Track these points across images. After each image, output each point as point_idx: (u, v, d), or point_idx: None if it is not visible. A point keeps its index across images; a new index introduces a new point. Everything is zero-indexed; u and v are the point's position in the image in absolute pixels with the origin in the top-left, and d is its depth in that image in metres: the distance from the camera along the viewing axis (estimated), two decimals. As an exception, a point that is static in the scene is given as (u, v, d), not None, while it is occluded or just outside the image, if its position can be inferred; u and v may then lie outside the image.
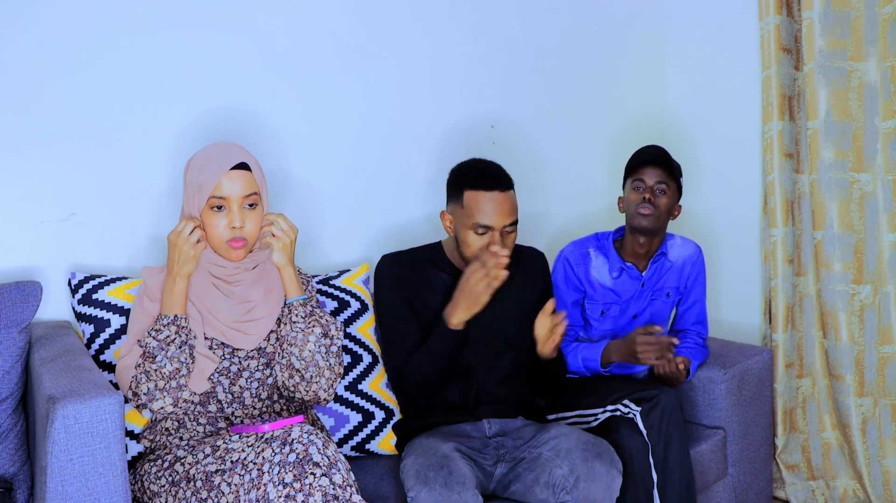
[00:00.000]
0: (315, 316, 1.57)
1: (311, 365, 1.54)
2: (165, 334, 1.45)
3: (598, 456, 1.56)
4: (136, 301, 1.56)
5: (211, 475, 1.32)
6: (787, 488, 2.41)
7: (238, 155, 1.52)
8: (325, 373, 1.56)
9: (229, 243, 1.50)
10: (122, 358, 1.48)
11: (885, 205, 2.25)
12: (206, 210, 1.49)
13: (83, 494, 1.17)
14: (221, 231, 1.50)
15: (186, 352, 1.46)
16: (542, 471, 1.58)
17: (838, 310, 2.28)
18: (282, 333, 1.56)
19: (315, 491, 1.23)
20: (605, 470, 1.54)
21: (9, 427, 1.44)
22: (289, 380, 1.56)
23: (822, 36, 2.25)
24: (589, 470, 1.54)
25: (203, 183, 1.49)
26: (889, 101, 2.21)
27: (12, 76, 1.62)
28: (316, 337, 1.55)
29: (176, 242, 1.48)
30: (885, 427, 2.27)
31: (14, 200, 1.65)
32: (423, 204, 2.21)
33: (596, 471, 1.54)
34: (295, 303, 1.57)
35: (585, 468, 1.54)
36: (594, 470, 1.54)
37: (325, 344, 1.56)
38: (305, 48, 1.99)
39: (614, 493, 1.56)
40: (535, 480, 1.58)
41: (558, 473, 1.55)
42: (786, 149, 2.40)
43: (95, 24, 1.70)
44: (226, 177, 1.48)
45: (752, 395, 2.08)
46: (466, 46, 2.26)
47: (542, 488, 1.57)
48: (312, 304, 1.59)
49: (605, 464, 1.55)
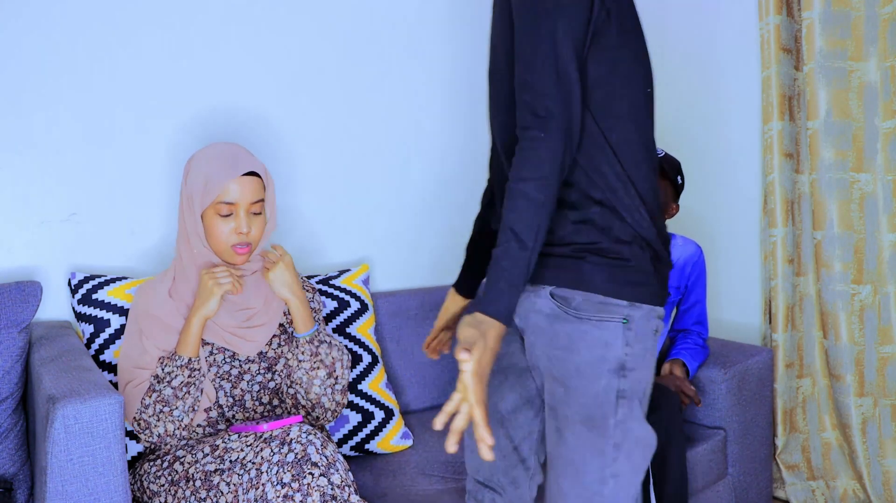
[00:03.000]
0: (320, 356, 1.54)
1: (316, 406, 1.55)
2: (179, 380, 1.43)
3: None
4: (130, 325, 1.52)
5: (210, 474, 1.32)
6: (787, 488, 2.41)
7: (249, 162, 1.50)
8: (331, 409, 1.57)
9: (234, 248, 1.49)
10: (125, 383, 1.46)
11: (885, 205, 2.25)
12: (211, 212, 1.47)
13: (83, 494, 1.17)
14: (227, 236, 1.48)
15: (196, 394, 1.46)
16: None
17: (838, 310, 2.28)
18: (289, 363, 1.55)
19: (313, 491, 1.23)
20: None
21: (9, 427, 1.44)
22: (293, 408, 1.57)
23: (822, 36, 2.25)
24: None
25: (210, 184, 1.46)
26: (889, 101, 2.21)
27: (12, 76, 1.63)
28: (321, 380, 1.54)
29: (207, 282, 1.45)
30: (885, 427, 2.27)
31: (14, 200, 1.65)
32: (422, 203, 2.22)
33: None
34: (301, 340, 1.55)
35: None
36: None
37: (329, 384, 1.55)
38: (306, 46, 1.99)
39: None
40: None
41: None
42: (786, 149, 2.40)
43: (95, 24, 1.71)
44: (235, 182, 1.47)
45: (752, 395, 2.08)
46: (469, 46, 2.26)
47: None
48: (319, 339, 1.56)
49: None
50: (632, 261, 1.12)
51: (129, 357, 1.48)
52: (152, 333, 1.48)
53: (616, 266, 1.12)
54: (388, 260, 2.17)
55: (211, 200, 1.46)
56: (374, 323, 1.94)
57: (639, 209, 1.12)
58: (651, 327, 1.15)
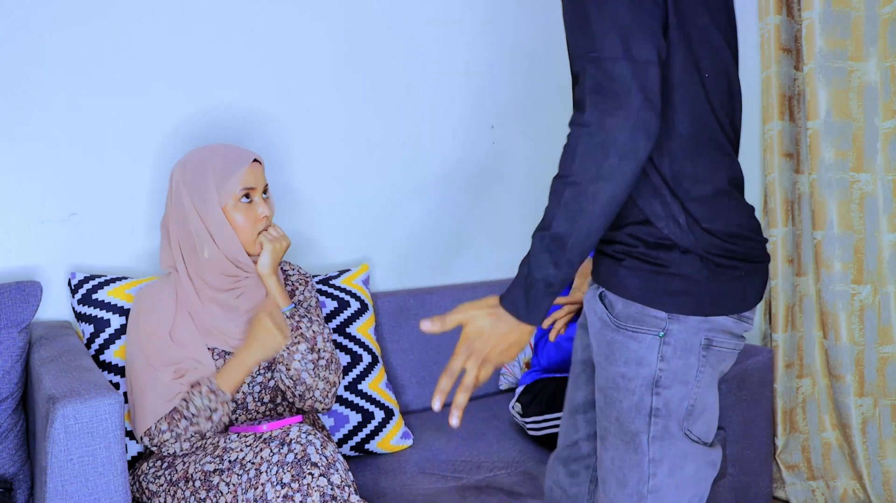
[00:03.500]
0: (301, 330, 1.53)
1: (298, 383, 1.52)
2: (219, 414, 1.43)
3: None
4: (132, 331, 1.50)
5: (209, 475, 1.32)
6: (787, 488, 2.41)
7: (249, 152, 1.53)
8: (319, 386, 1.54)
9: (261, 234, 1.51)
10: (142, 415, 1.43)
11: (885, 205, 2.25)
12: (235, 204, 1.48)
13: (83, 494, 1.17)
14: (252, 225, 1.49)
15: (226, 421, 1.47)
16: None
17: (838, 310, 2.28)
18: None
19: (313, 491, 1.23)
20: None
21: (9, 427, 1.44)
22: (286, 391, 1.57)
23: (822, 36, 2.25)
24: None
25: (226, 174, 1.47)
26: (889, 101, 2.21)
27: (12, 76, 1.63)
28: (301, 354, 1.51)
29: (266, 323, 1.43)
30: (885, 427, 2.27)
31: (14, 200, 1.65)
32: (422, 203, 2.22)
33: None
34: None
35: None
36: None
37: (311, 359, 1.52)
38: (306, 46, 1.99)
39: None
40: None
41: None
42: (786, 149, 2.40)
43: (95, 24, 1.71)
44: (248, 168, 1.49)
45: (752, 395, 2.08)
46: (468, 47, 2.26)
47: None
48: (300, 314, 1.55)
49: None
50: (671, 267, 1.03)
51: (137, 366, 1.47)
52: (156, 347, 1.47)
53: (653, 272, 1.04)
54: (388, 260, 2.17)
55: (235, 187, 1.47)
56: (374, 323, 1.94)
57: (677, 216, 1.02)
58: (697, 341, 1.04)
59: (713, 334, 1.05)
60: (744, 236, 1.07)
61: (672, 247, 1.03)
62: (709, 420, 1.10)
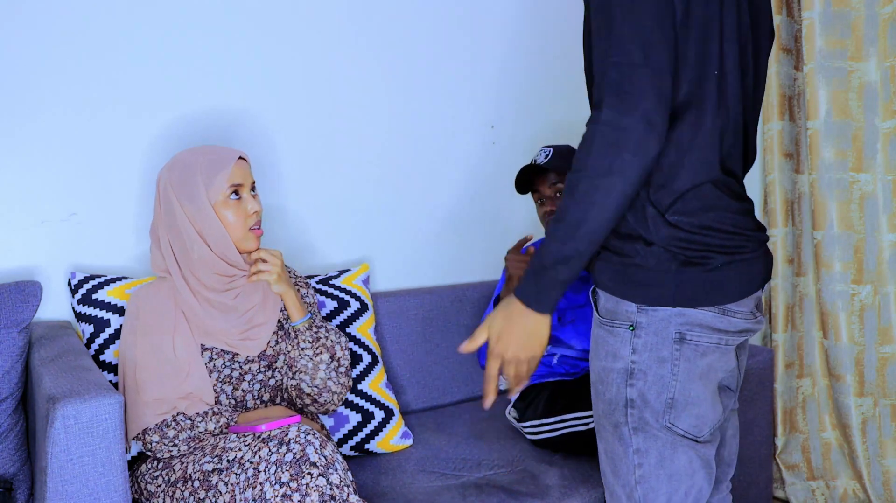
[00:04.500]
0: (321, 340, 1.56)
1: (324, 391, 1.56)
2: (214, 425, 1.44)
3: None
4: (128, 335, 1.50)
5: (208, 474, 1.32)
6: (787, 488, 2.41)
7: (234, 150, 1.54)
8: (338, 392, 1.58)
9: (252, 230, 1.52)
10: (130, 390, 1.45)
11: (885, 205, 2.24)
12: (225, 201, 1.49)
13: (83, 494, 1.17)
14: (243, 220, 1.50)
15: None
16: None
17: (838, 310, 2.28)
18: (290, 356, 1.55)
19: (312, 490, 1.23)
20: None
21: (9, 427, 1.44)
22: (297, 399, 1.57)
23: (822, 36, 2.25)
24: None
25: (212, 175, 1.48)
26: (889, 101, 2.21)
27: (12, 76, 1.63)
28: (325, 363, 1.55)
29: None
30: (885, 427, 2.27)
31: (14, 200, 1.65)
32: (423, 203, 2.22)
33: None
34: (301, 328, 1.55)
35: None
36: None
37: (334, 367, 1.56)
38: (302, 46, 1.99)
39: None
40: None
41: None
42: (786, 149, 2.40)
43: (95, 23, 1.71)
44: (235, 165, 1.50)
45: (752, 395, 2.08)
46: (469, 47, 2.26)
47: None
48: (317, 324, 1.58)
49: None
50: (636, 258, 1.07)
51: (129, 372, 1.47)
52: (153, 358, 1.47)
53: (623, 264, 1.08)
54: (388, 260, 2.17)
55: (223, 185, 1.48)
56: (374, 323, 1.94)
57: (644, 208, 1.05)
58: (669, 335, 1.06)
59: (687, 328, 1.07)
60: (722, 230, 1.07)
61: (637, 238, 1.07)
62: (699, 415, 1.10)
